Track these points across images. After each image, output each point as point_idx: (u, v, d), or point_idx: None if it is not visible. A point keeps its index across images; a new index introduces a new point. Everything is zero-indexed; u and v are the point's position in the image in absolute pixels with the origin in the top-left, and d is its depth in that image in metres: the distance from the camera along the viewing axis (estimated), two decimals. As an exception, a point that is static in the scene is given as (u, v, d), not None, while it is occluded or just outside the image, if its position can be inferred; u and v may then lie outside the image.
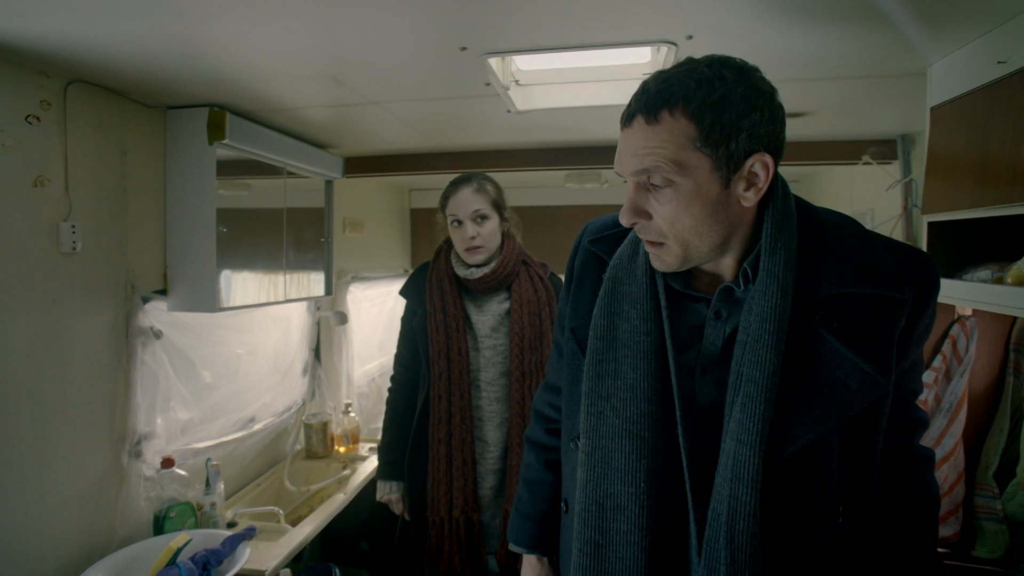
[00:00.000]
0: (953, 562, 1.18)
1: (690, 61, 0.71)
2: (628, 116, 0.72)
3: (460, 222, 1.53)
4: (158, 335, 1.42)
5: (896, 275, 0.72)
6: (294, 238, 1.86)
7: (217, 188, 1.45)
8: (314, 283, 2.06)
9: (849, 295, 0.71)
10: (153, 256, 1.45)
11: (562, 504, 0.93)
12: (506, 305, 1.57)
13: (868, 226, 2.08)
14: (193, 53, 1.12)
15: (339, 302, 2.40)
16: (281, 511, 1.62)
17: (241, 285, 1.62)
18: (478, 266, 1.56)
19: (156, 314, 1.43)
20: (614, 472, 0.77)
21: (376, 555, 2.25)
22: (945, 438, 1.17)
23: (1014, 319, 1.23)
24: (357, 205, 2.65)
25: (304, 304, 2.19)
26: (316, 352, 2.28)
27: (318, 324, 2.27)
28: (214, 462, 1.51)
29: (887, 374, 0.70)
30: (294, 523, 1.60)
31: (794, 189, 0.79)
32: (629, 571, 0.77)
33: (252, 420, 1.84)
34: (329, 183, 2.14)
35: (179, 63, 1.16)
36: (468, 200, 1.53)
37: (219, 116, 1.41)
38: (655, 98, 0.69)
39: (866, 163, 1.84)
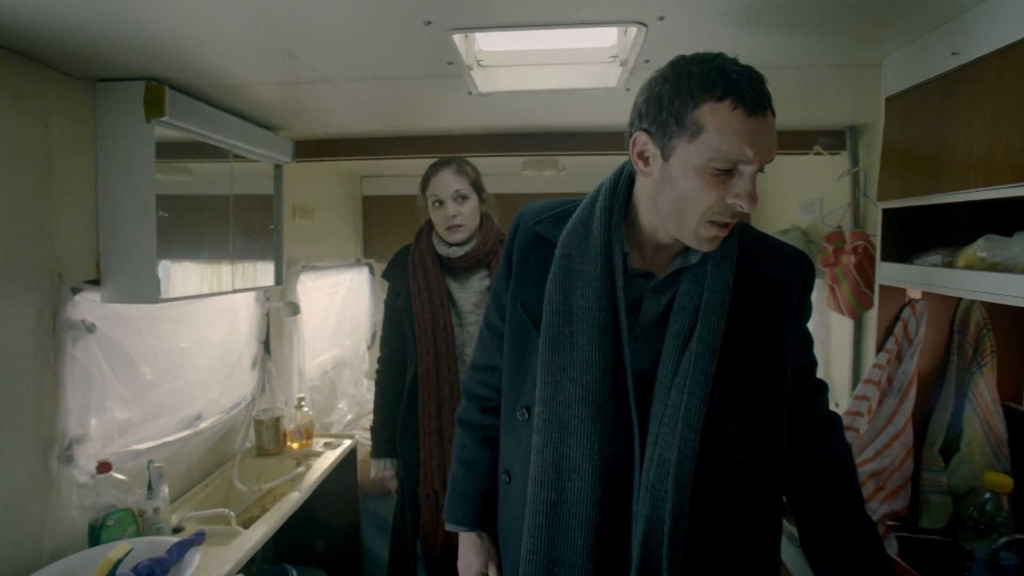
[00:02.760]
0: (902, 534, 1.24)
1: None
2: (762, 104, 0.76)
3: (441, 202, 1.60)
4: (91, 329, 1.30)
5: (791, 265, 0.92)
6: (241, 225, 1.75)
7: (157, 171, 1.34)
8: (263, 272, 1.96)
9: (760, 277, 0.88)
10: (84, 243, 1.32)
11: (503, 476, 0.99)
12: (487, 282, 1.65)
13: (817, 215, 2.16)
14: (126, 17, 1.01)
15: (289, 292, 2.29)
16: (232, 513, 1.54)
17: (184, 275, 1.51)
18: (459, 245, 1.63)
19: (88, 306, 1.31)
20: (570, 436, 0.85)
21: (333, 553, 2.18)
22: (896, 416, 1.22)
23: (957, 302, 1.28)
24: (307, 191, 2.54)
25: (252, 295, 2.07)
26: (266, 345, 2.17)
27: (267, 315, 2.16)
28: (157, 464, 1.41)
29: (786, 340, 0.90)
30: (246, 525, 1.52)
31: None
32: (583, 525, 0.84)
33: (198, 418, 1.74)
34: (279, 167, 2.03)
35: (110, 29, 1.05)
36: (449, 181, 1.60)
37: (157, 91, 1.30)
38: (767, 92, 0.77)
39: (817, 153, 1.89)
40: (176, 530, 1.44)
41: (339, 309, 2.90)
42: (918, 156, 1.18)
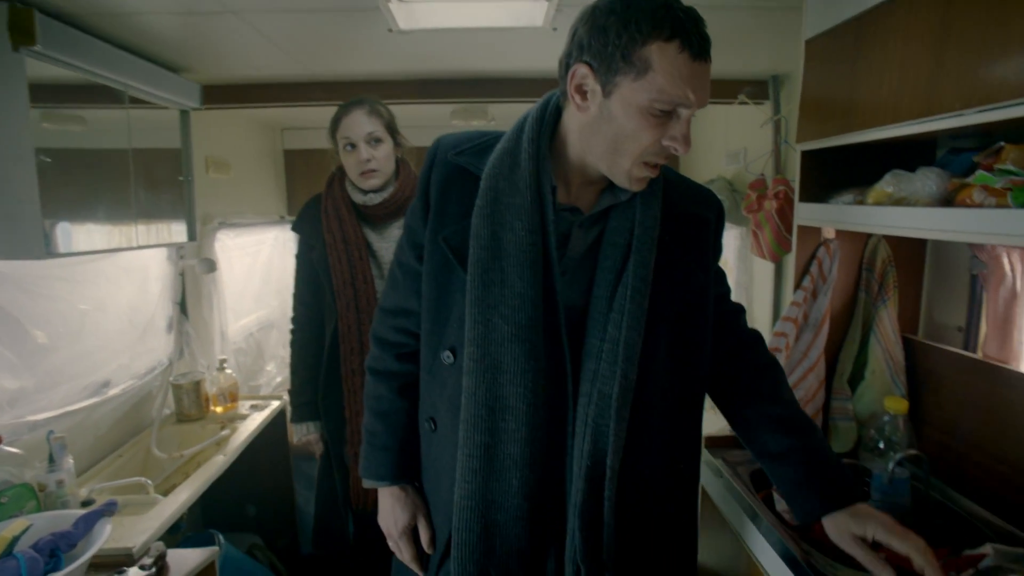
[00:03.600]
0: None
1: None
2: (705, 50, 0.75)
3: (353, 145, 1.48)
4: (-35, 289, 1.17)
5: (705, 201, 0.95)
6: (145, 178, 1.61)
7: (43, 119, 1.20)
8: (174, 229, 1.82)
9: (681, 213, 0.89)
10: (-51, 192, 1.17)
11: (426, 424, 0.95)
12: None
13: (741, 164, 2.21)
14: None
15: (206, 250, 2.15)
16: (149, 481, 1.45)
17: (81, 231, 1.38)
18: (375, 191, 1.52)
19: (-39, 264, 1.17)
20: (504, 376, 0.82)
21: (265, 518, 2.13)
22: (811, 351, 1.29)
23: (866, 242, 1.35)
24: (222, 143, 2.36)
25: (164, 252, 1.93)
26: (182, 306, 2.04)
27: (182, 275, 2.02)
28: (57, 435, 1.30)
29: (708, 271, 0.93)
30: (167, 493, 1.44)
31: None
32: (518, 465, 0.84)
33: (106, 385, 1.61)
34: (185, 114, 1.87)
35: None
36: (361, 122, 1.47)
37: (24, 15, 1.14)
38: (708, 36, 0.76)
39: (742, 102, 1.92)
40: (86, 503, 1.34)
41: (263, 269, 2.76)
42: (834, 98, 1.21)
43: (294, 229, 1.62)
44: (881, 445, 1.21)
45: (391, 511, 0.99)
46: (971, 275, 1.27)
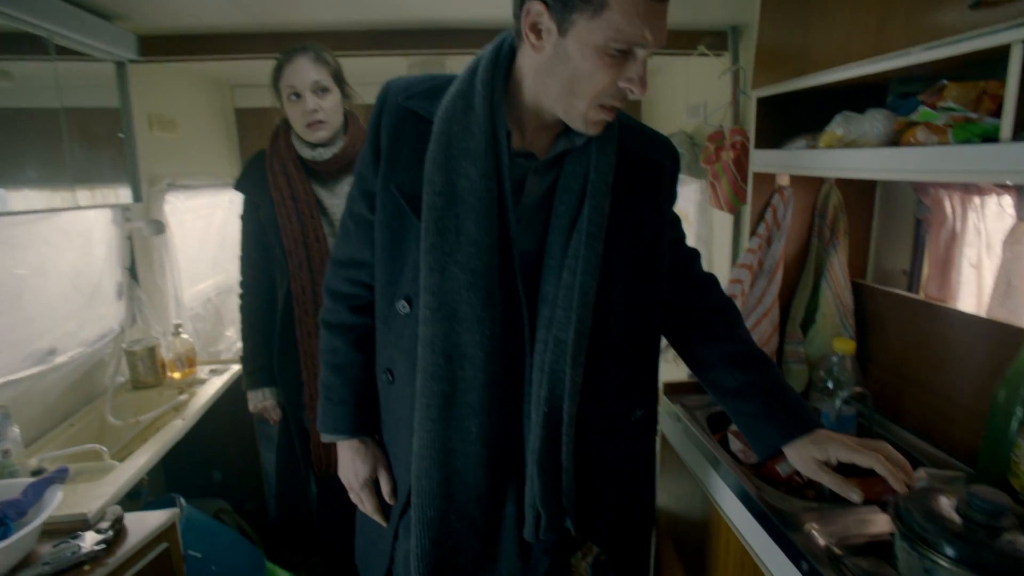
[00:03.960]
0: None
1: None
2: None
3: (299, 95, 1.39)
4: None
5: (660, 146, 0.95)
6: (81, 136, 1.52)
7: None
8: (117, 190, 1.73)
9: (636, 159, 0.89)
10: None
11: (383, 376, 0.95)
12: None
13: (700, 117, 2.21)
14: None
15: (155, 212, 2.06)
16: (104, 448, 1.42)
17: (14, 196, 1.30)
18: (324, 146, 1.44)
19: None
20: (460, 324, 0.82)
21: (232, 483, 2.11)
22: (765, 297, 1.32)
23: (818, 189, 1.38)
24: (166, 100, 2.24)
25: (108, 215, 1.84)
26: (132, 271, 1.96)
27: (130, 239, 1.94)
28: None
29: (664, 216, 0.94)
30: (124, 460, 1.41)
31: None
32: (476, 412, 0.84)
33: (52, 352, 1.55)
34: (121, 67, 1.76)
35: None
36: (306, 70, 1.38)
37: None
38: None
39: (702, 54, 1.91)
40: (36, 472, 1.30)
41: (219, 232, 2.67)
42: (788, 43, 1.21)
43: (237, 188, 1.52)
44: (830, 385, 1.25)
45: (351, 464, 0.99)
46: (916, 220, 1.32)
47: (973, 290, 1.19)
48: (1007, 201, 1.10)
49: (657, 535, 1.48)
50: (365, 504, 1.00)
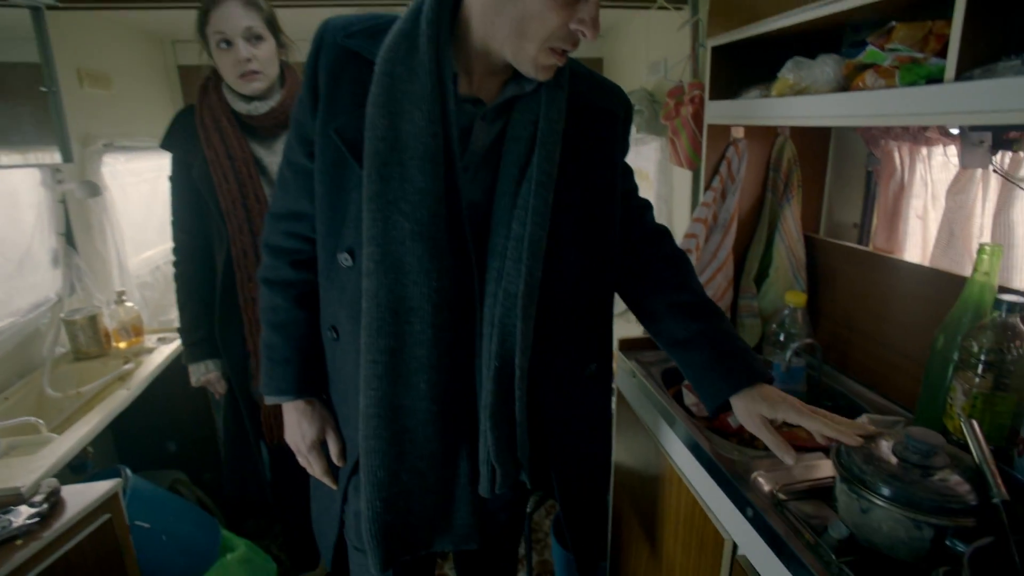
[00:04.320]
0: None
1: None
2: None
3: (229, 43, 1.28)
4: None
5: (612, 94, 0.92)
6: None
7: None
8: (44, 150, 1.62)
9: (588, 107, 0.86)
10: None
11: (328, 333, 0.91)
12: None
13: (661, 76, 2.18)
14: None
15: (91, 174, 1.94)
16: (40, 421, 1.35)
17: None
18: (260, 99, 1.34)
19: None
20: (406, 276, 0.79)
21: (188, 454, 2.07)
22: (720, 251, 1.32)
23: (773, 141, 1.36)
24: (98, 54, 2.09)
25: (38, 177, 1.73)
26: (68, 238, 1.86)
27: (63, 203, 1.82)
28: (-79, 375, 1.17)
29: (615, 166, 0.92)
30: (64, 433, 1.35)
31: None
32: (424, 368, 0.82)
33: (-22, 323, 1.47)
34: (37, 12, 1.62)
35: None
36: (237, 15, 1.27)
37: None
38: None
39: (661, 7, 1.86)
40: (-34, 446, 1.24)
41: (164, 196, 2.53)
42: (743, -11, 1.18)
43: (164, 146, 1.41)
44: (782, 338, 1.27)
45: (297, 426, 0.96)
46: (867, 172, 1.32)
47: (918, 241, 1.20)
48: (952, 151, 1.11)
49: (615, 489, 1.50)
50: (314, 467, 0.97)
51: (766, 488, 0.86)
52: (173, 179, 1.44)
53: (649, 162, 2.45)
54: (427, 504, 0.89)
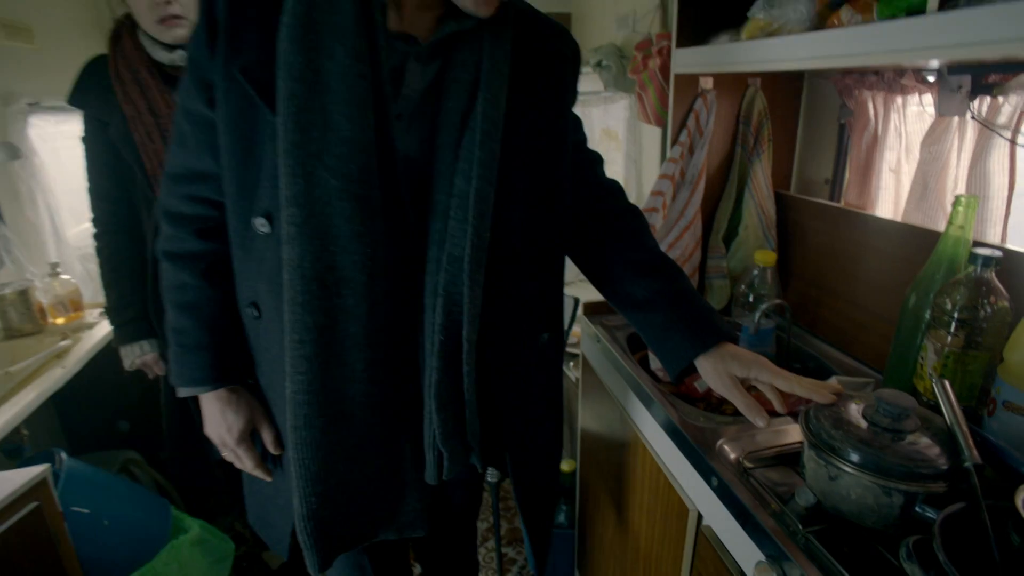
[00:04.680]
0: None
1: None
2: None
3: None
4: None
5: (561, 36, 0.84)
6: None
7: None
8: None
9: (536, 48, 0.78)
10: None
11: (248, 311, 0.80)
12: None
13: (629, 30, 2.08)
14: None
15: (14, 136, 1.79)
16: (-37, 402, 1.25)
17: None
18: (184, 47, 1.20)
19: None
20: (335, 242, 0.69)
21: (141, 433, 1.97)
22: (688, 209, 1.26)
23: (743, 93, 1.29)
24: (18, 4, 1.91)
25: (-52, 140, 1.57)
26: (-8, 207, 1.71)
27: (-17, 168, 1.68)
28: None
29: (566, 114, 0.85)
30: (-8, 414, 1.25)
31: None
32: (360, 347, 0.73)
33: None
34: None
35: None
36: None
37: None
38: None
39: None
40: None
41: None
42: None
43: (73, 103, 1.26)
44: (751, 299, 1.23)
45: (221, 417, 0.85)
46: (839, 125, 1.26)
47: (891, 196, 1.16)
48: (928, 100, 1.06)
49: (581, 457, 1.47)
50: (244, 461, 0.88)
51: (732, 456, 0.82)
52: (86, 140, 1.29)
53: (618, 121, 2.36)
54: (368, 494, 0.82)
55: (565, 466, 1.70)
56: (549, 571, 1.75)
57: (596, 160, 0.95)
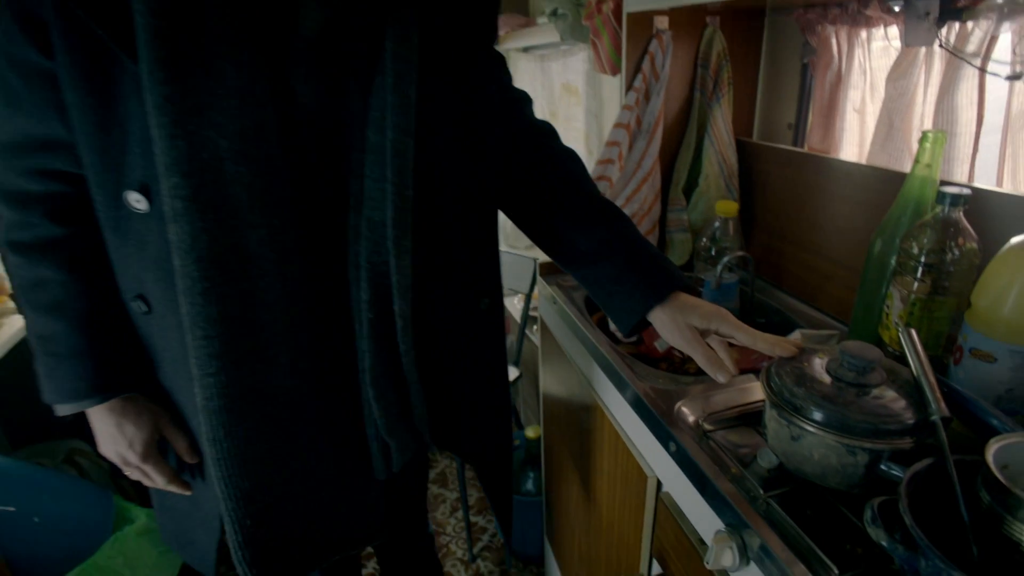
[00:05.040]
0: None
1: None
2: None
3: None
4: None
5: None
6: None
7: None
8: None
9: None
10: None
11: (135, 305, 0.67)
12: None
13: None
14: None
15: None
16: None
17: None
18: None
19: None
20: (234, 214, 0.58)
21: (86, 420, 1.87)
22: (645, 159, 1.18)
23: (701, 34, 1.21)
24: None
25: None
26: None
27: None
28: None
29: (491, 51, 0.77)
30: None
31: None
32: (281, 337, 0.63)
33: None
34: None
35: None
36: None
37: None
38: None
39: None
40: None
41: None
42: None
43: None
44: (713, 252, 1.17)
45: (118, 432, 0.71)
46: (802, 65, 1.19)
47: (855, 138, 1.10)
48: (893, 32, 0.99)
49: (544, 423, 1.42)
50: (155, 478, 0.75)
51: (691, 419, 0.77)
52: None
53: (578, 75, 2.26)
54: (316, 506, 0.73)
55: (531, 432, 1.66)
56: (518, 538, 1.73)
57: (523, 99, 0.85)
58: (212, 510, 0.75)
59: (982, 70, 0.80)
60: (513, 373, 1.86)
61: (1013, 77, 0.76)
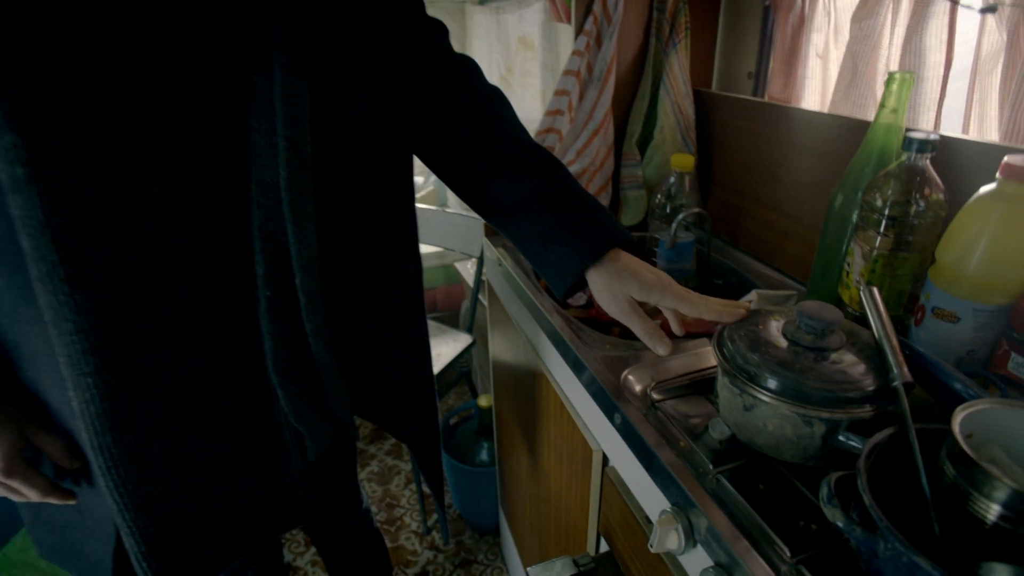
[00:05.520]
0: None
1: None
2: None
3: None
4: None
5: None
6: None
7: None
8: None
9: None
10: None
11: None
12: None
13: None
14: None
15: None
16: None
17: None
18: None
19: None
20: (96, 180, 0.47)
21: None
22: (597, 109, 1.10)
23: (660, -26, 1.12)
24: None
25: None
26: None
27: None
28: None
29: None
30: None
31: None
32: (168, 326, 0.54)
33: None
34: None
35: None
36: None
37: None
38: None
39: None
40: None
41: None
42: None
43: None
44: (668, 210, 1.10)
45: None
46: (763, 7, 1.11)
47: (818, 86, 1.04)
48: (861, -32, 0.91)
49: (495, 392, 1.36)
50: (27, 492, 0.63)
51: (638, 388, 0.71)
52: None
53: (534, 27, 2.13)
54: (229, 498, 0.65)
55: (483, 401, 1.60)
56: (473, 509, 1.69)
57: (438, 30, 0.73)
58: (103, 515, 0.65)
59: (954, 2, 0.74)
60: (467, 340, 1.79)
61: (987, 9, 0.70)
